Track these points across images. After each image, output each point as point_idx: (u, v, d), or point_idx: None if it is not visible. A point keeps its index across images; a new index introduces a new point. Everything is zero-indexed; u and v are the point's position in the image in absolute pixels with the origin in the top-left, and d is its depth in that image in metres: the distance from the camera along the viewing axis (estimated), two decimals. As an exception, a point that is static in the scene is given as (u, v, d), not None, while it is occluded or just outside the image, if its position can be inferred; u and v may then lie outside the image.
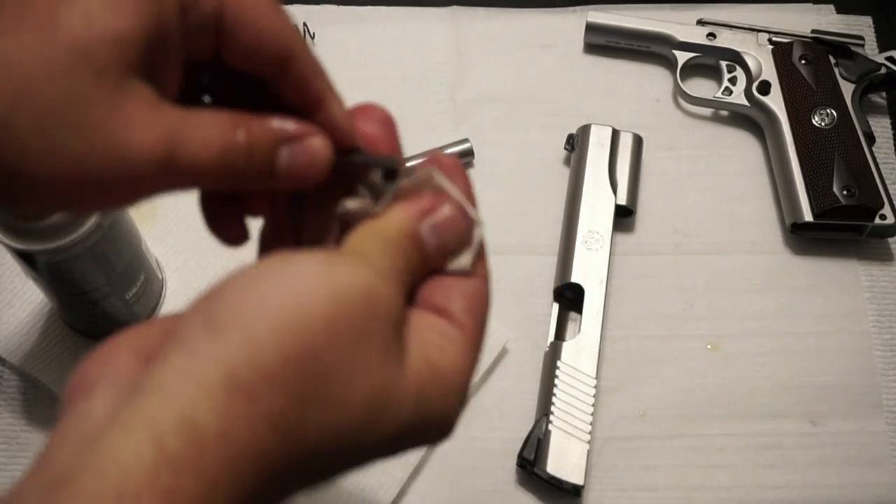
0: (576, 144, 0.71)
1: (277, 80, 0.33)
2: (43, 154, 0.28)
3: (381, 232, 0.32)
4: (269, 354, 0.26)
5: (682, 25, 0.76)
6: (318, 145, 0.33)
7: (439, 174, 0.34)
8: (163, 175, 0.30)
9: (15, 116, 0.28)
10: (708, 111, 0.76)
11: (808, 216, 0.68)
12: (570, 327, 0.67)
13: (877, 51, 0.77)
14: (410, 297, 0.32)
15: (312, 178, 0.33)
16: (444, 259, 0.33)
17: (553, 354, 0.64)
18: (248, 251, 0.38)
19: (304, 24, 0.75)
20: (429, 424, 0.31)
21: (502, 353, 0.66)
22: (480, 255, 0.34)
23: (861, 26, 0.78)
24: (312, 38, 0.76)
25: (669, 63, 0.77)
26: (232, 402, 0.26)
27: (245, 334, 0.26)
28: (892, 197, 0.69)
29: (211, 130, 0.31)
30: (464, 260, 0.33)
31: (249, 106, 0.33)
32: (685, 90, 0.74)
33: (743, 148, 0.75)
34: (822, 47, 0.74)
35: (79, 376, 0.29)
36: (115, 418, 0.25)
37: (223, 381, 0.26)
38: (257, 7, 0.32)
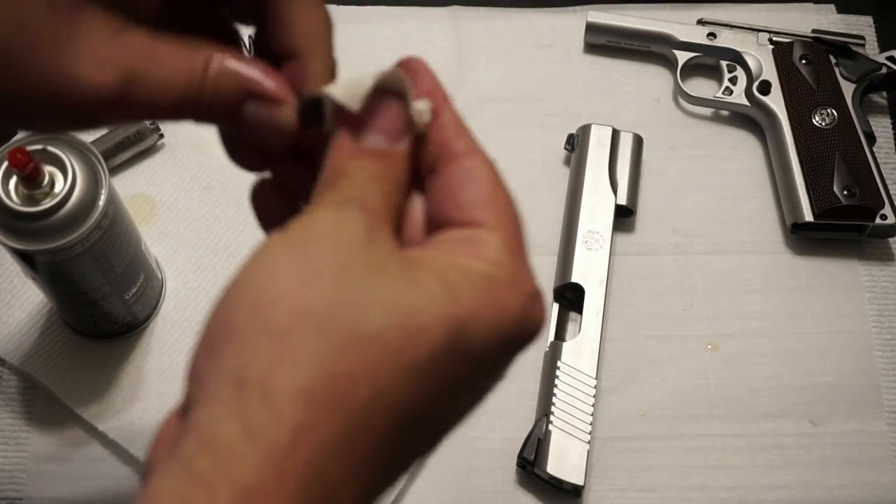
0: (576, 144, 0.71)
1: (261, 15, 0.32)
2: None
3: (327, 170, 0.30)
4: (257, 339, 0.26)
5: (682, 25, 0.76)
6: (285, 117, 0.31)
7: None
8: (116, 109, 0.29)
9: None
10: (708, 111, 0.76)
11: (808, 216, 0.68)
12: (570, 327, 0.67)
13: (877, 50, 0.77)
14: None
15: (270, 142, 0.31)
16: (397, 146, 0.30)
17: (553, 354, 0.64)
18: (246, 250, 0.38)
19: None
20: (492, 322, 0.28)
21: (502, 354, 0.66)
22: (457, 132, 0.31)
23: (862, 26, 0.78)
24: (312, 37, 0.76)
25: (669, 63, 0.77)
26: (245, 400, 0.25)
27: (232, 338, 0.26)
28: (893, 197, 0.69)
29: (176, 65, 0.29)
30: (422, 113, 0.31)
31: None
32: (685, 90, 0.74)
33: (743, 148, 0.75)
34: (822, 47, 0.74)
35: (147, 462, 0.29)
36: (156, 472, 0.25)
37: (232, 388, 0.25)
38: None
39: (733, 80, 0.75)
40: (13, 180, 0.52)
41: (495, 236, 0.29)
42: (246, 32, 0.35)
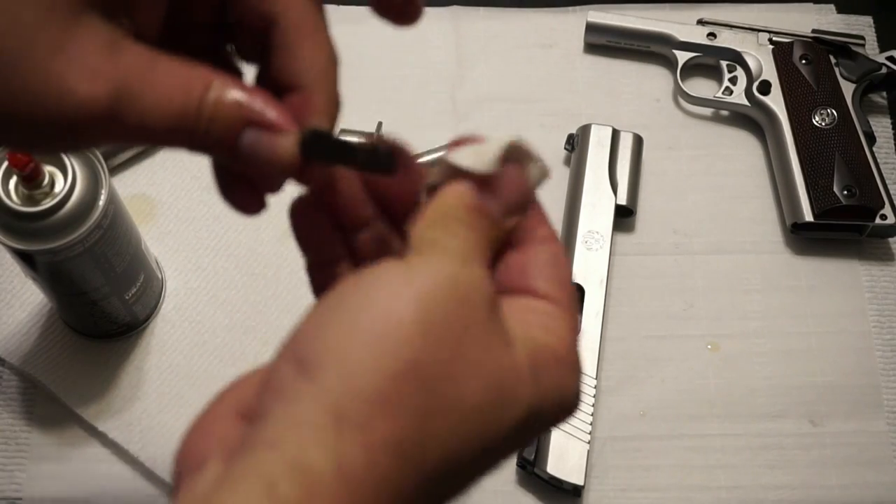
0: (576, 144, 0.71)
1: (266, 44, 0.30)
2: None
3: (441, 214, 0.30)
4: (369, 379, 0.25)
5: (682, 25, 0.76)
6: (286, 147, 0.29)
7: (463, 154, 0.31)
8: (105, 128, 0.27)
9: None
10: (708, 111, 0.76)
11: (808, 216, 0.68)
12: (570, 327, 0.67)
13: (877, 50, 0.77)
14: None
15: (269, 175, 0.30)
16: (510, 221, 0.31)
17: (553, 354, 0.64)
18: (249, 251, 0.38)
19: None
20: (552, 404, 0.29)
21: (502, 354, 0.66)
22: (542, 220, 0.32)
23: (862, 26, 0.78)
24: (312, 37, 0.76)
25: (669, 63, 0.77)
26: (343, 436, 0.24)
27: (340, 367, 0.25)
28: (893, 197, 0.69)
29: (173, 86, 0.27)
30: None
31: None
32: (685, 90, 0.74)
33: (743, 148, 0.75)
34: (822, 47, 0.74)
35: (185, 451, 0.28)
36: (225, 478, 0.25)
37: (330, 418, 0.24)
38: None
39: (733, 80, 0.75)
40: (13, 180, 0.52)
41: (565, 316, 0.30)
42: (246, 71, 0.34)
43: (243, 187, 0.32)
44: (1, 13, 0.25)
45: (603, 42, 0.77)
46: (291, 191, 0.33)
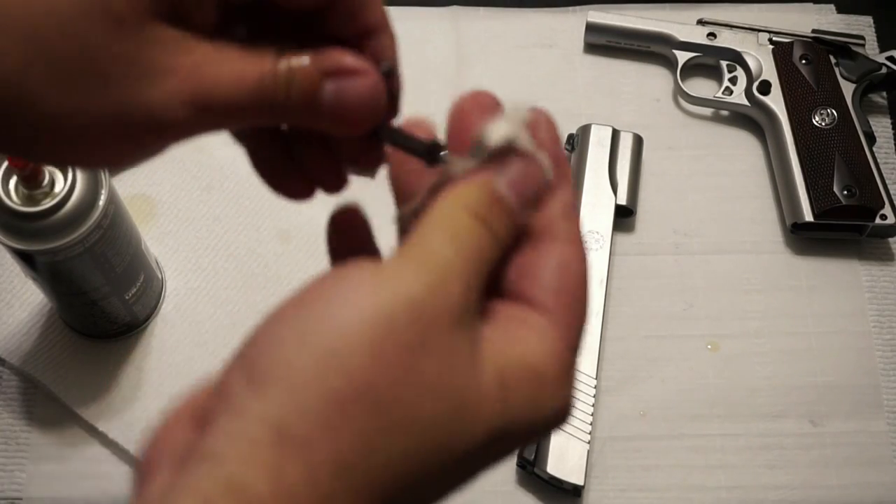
0: (576, 144, 0.71)
1: (323, 12, 0.30)
2: (61, 109, 0.26)
3: (447, 214, 0.28)
4: (315, 397, 0.24)
5: (682, 25, 0.76)
6: (369, 83, 0.29)
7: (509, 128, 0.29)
8: (194, 117, 0.28)
9: (28, 72, 0.26)
10: (708, 111, 0.76)
11: (808, 216, 0.68)
12: (570, 327, 0.67)
13: (877, 50, 0.77)
14: (497, 281, 0.29)
15: (360, 120, 0.30)
16: (527, 213, 0.29)
17: (553, 354, 0.64)
18: (249, 251, 0.38)
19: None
20: (525, 421, 0.27)
21: (502, 354, 0.66)
22: (568, 212, 0.30)
23: (862, 26, 0.78)
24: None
25: (669, 63, 0.77)
26: (283, 456, 0.24)
27: (288, 382, 0.24)
28: (893, 197, 0.69)
29: (247, 63, 0.28)
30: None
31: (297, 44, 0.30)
32: (685, 90, 0.74)
33: (743, 148, 0.75)
34: (822, 47, 0.74)
35: (144, 457, 0.27)
36: (168, 491, 0.24)
37: (271, 436, 0.24)
38: None
39: (733, 80, 0.75)
40: (13, 180, 0.52)
41: (556, 332, 0.28)
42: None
43: (293, 174, 0.33)
44: (68, 35, 0.26)
45: (603, 42, 0.77)
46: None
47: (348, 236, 0.33)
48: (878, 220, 0.68)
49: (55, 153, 0.29)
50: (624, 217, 0.70)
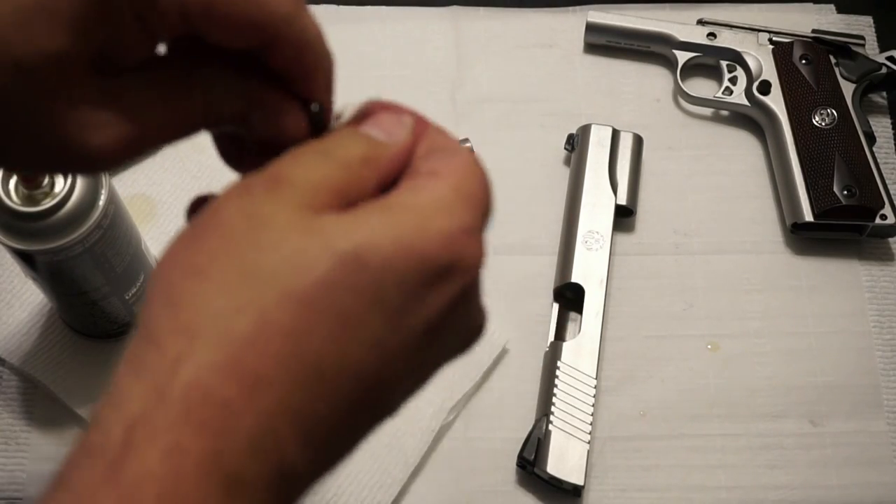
0: (576, 144, 0.71)
1: (260, 54, 0.32)
2: (15, 147, 0.30)
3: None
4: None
5: (682, 25, 0.76)
6: (294, 123, 0.33)
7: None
8: (125, 152, 0.31)
9: None
10: (708, 111, 0.76)
11: (808, 216, 0.68)
12: (570, 327, 0.67)
13: (877, 50, 0.77)
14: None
15: (282, 142, 0.33)
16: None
17: (553, 354, 0.64)
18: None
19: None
20: (390, 241, 0.27)
21: (502, 353, 0.66)
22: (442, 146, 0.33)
23: (862, 26, 0.78)
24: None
25: (669, 63, 0.77)
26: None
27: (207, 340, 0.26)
28: (893, 197, 0.69)
29: (173, 109, 0.31)
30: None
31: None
32: (685, 90, 0.74)
33: (743, 148, 0.75)
34: (822, 47, 0.74)
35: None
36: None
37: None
38: None
39: (733, 80, 0.75)
40: (13, 180, 0.52)
41: (444, 181, 0.30)
42: None
43: (242, 152, 0.35)
44: (11, 99, 0.29)
45: (603, 42, 0.77)
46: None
47: None
48: (878, 220, 0.68)
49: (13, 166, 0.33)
50: (624, 217, 0.70)
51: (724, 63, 0.75)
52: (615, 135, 0.71)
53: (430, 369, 0.31)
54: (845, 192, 0.68)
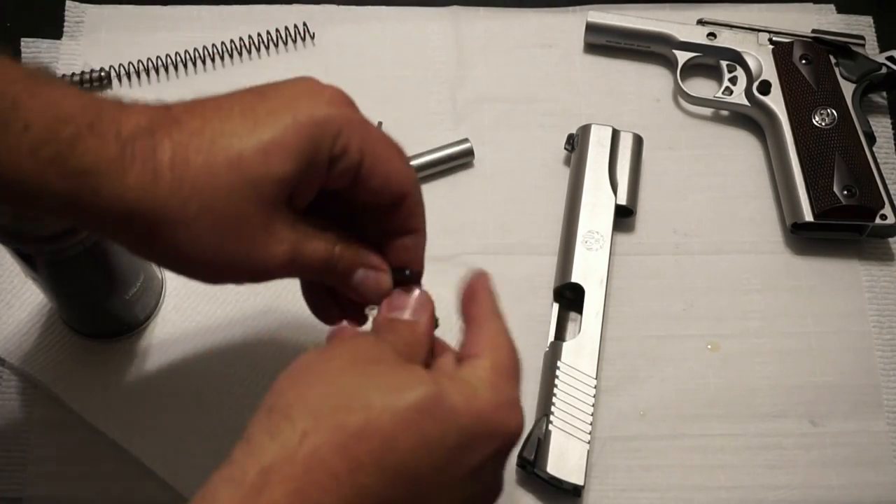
0: (576, 144, 0.71)
1: (388, 211, 0.44)
2: (209, 247, 0.40)
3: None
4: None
5: (682, 25, 0.76)
6: (383, 281, 0.45)
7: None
8: (285, 271, 0.42)
9: (199, 218, 0.39)
10: (708, 111, 0.76)
11: (808, 216, 0.68)
12: (570, 327, 0.67)
13: (877, 50, 0.77)
14: None
15: (370, 298, 0.45)
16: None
17: (553, 354, 0.64)
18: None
19: (304, 24, 0.75)
20: (462, 402, 0.39)
21: (502, 354, 0.66)
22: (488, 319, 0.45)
23: (862, 26, 0.78)
24: (312, 38, 0.76)
25: (669, 63, 0.77)
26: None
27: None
28: (893, 197, 0.69)
29: (321, 242, 0.43)
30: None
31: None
32: (685, 90, 0.74)
33: (743, 148, 0.75)
34: (822, 47, 0.74)
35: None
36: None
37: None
38: (390, 160, 0.43)
39: (733, 80, 0.75)
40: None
41: (485, 360, 0.42)
42: None
43: (331, 309, 0.49)
44: (232, 203, 0.39)
45: (603, 42, 0.77)
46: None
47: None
48: (878, 220, 0.68)
49: (184, 269, 0.41)
50: (624, 217, 0.70)
51: (724, 63, 0.75)
52: (615, 135, 0.71)
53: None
54: (845, 192, 0.68)
